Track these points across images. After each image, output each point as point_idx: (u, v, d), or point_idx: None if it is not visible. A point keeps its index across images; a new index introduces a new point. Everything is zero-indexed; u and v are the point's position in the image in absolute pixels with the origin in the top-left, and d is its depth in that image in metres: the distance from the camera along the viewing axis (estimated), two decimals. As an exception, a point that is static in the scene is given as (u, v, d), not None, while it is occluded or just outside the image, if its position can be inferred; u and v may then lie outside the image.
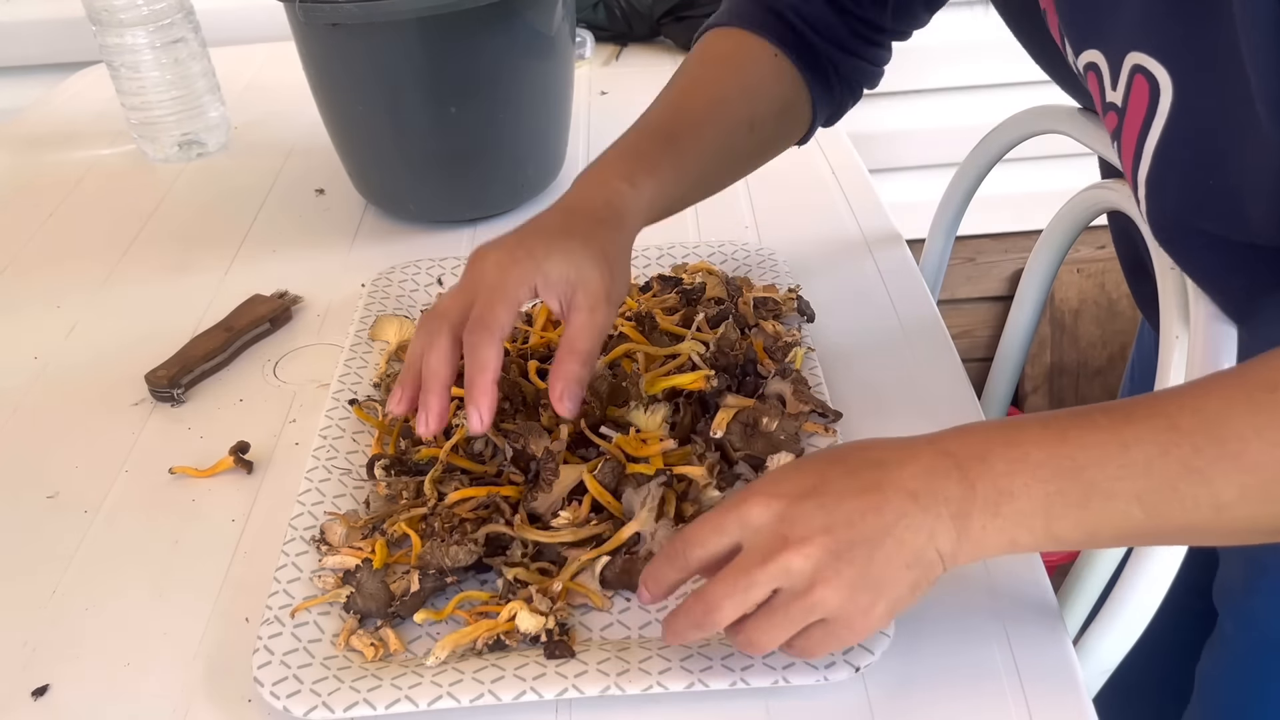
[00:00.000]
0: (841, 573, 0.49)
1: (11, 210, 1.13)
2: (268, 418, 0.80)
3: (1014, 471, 0.48)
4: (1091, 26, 0.59)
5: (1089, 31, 0.59)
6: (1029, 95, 0.89)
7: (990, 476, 0.49)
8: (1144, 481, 0.47)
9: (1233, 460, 0.46)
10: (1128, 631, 0.60)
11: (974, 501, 0.49)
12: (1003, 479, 0.48)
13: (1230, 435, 0.46)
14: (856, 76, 0.80)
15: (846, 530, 0.49)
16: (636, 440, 0.68)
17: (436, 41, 0.92)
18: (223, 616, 0.64)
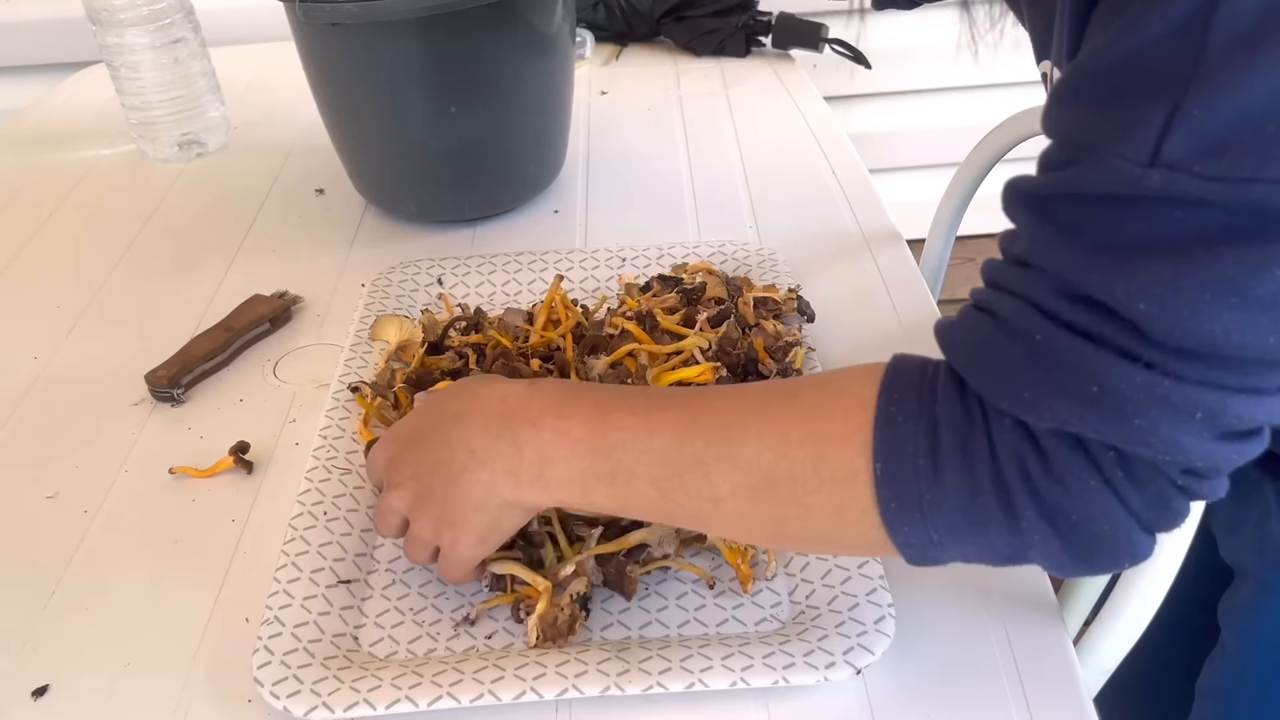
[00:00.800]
0: (427, 513, 0.58)
1: (11, 210, 1.13)
2: (268, 418, 0.80)
3: (556, 443, 0.54)
4: (1041, 40, 0.60)
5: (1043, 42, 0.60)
6: (1029, 95, 0.89)
7: (536, 444, 0.55)
8: (659, 468, 0.52)
9: (731, 459, 0.50)
10: (1128, 632, 0.60)
11: (521, 463, 0.55)
12: (547, 447, 0.55)
13: (736, 435, 0.50)
14: None
15: (427, 479, 0.58)
16: None
17: (436, 41, 0.92)
18: (223, 616, 0.64)
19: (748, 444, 0.50)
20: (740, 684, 0.56)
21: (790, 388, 0.52)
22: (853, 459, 0.47)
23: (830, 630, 0.58)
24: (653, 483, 0.52)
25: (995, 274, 0.45)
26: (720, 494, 0.51)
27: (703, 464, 0.51)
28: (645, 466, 0.52)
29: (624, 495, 0.54)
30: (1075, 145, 0.41)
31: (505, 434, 0.56)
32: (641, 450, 0.52)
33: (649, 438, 0.52)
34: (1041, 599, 0.62)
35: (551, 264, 0.93)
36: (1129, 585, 0.59)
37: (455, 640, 0.61)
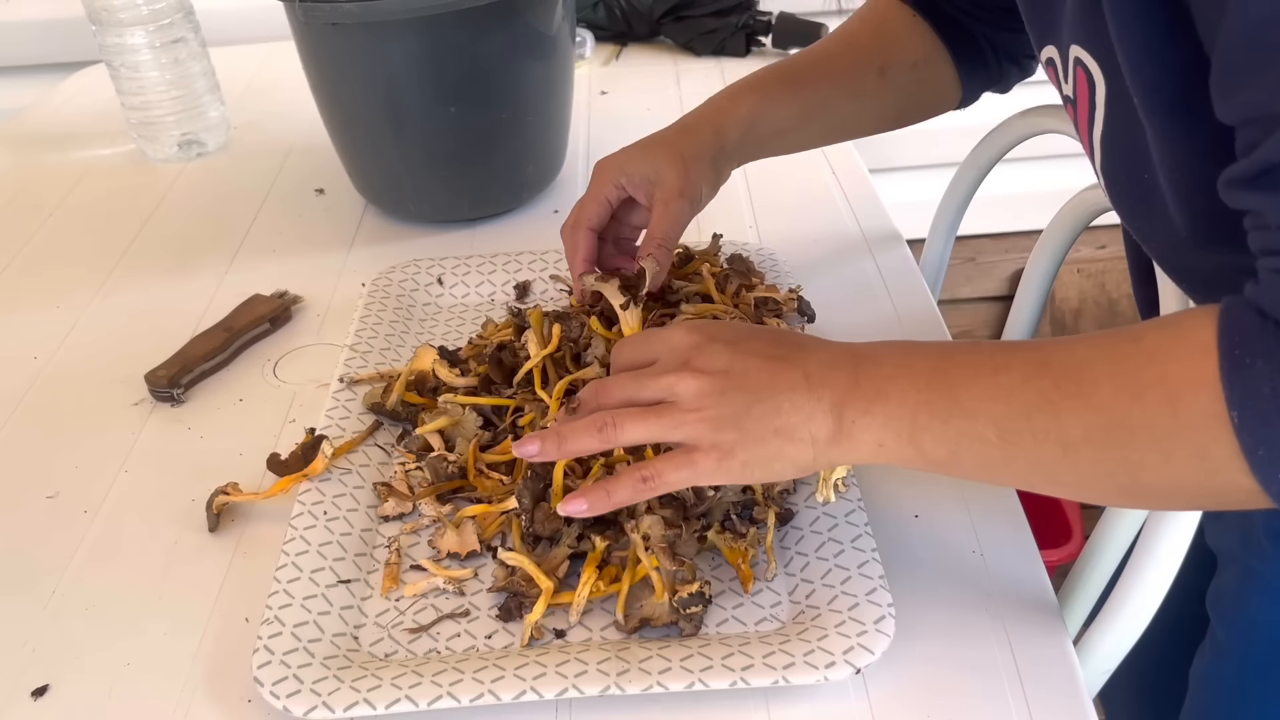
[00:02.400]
0: (718, 407, 0.54)
1: (11, 210, 1.13)
2: (268, 418, 0.80)
3: (896, 375, 0.52)
4: (1046, 21, 0.60)
5: (1045, 27, 0.60)
6: (1029, 95, 0.89)
7: (874, 377, 0.53)
8: (1004, 406, 0.49)
9: (1084, 399, 0.47)
10: (1128, 632, 0.60)
11: (854, 394, 0.52)
12: (884, 380, 0.52)
13: (1087, 376, 0.47)
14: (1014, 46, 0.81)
15: (740, 378, 0.54)
16: None
17: (436, 41, 0.92)
18: (223, 616, 0.64)
19: (1099, 385, 0.47)
20: (740, 684, 0.56)
21: (1132, 331, 0.48)
22: (1208, 403, 0.44)
23: (830, 630, 0.58)
24: (994, 422, 0.49)
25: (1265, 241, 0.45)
26: (1071, 438, 0.47)
27: (1051, 403, 0.48)
28: (987, 404, 0.49)
29: (959, 437, 0.50)
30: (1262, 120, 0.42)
31: (846, 366, 0.53)
32: (986, 387, 0.50)
33: (994, 375, 0.50)
34: (1041, 599, 0.62)
35: (551, 264, 0.93)
36: (1129, 585, 0.59)
37: (455, 640, 0.61)
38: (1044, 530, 1.49)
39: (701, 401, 0.54)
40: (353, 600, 0.64)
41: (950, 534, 0.67)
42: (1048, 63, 0.61)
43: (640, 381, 0.56)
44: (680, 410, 0.54)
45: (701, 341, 0.56)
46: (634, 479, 0.55)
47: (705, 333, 0.57)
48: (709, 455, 0.54)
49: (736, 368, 0.54)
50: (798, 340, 0.57)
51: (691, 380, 0.55)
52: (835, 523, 0.65)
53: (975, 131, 0.94)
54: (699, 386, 0.54)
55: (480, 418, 0.74)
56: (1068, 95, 0.59)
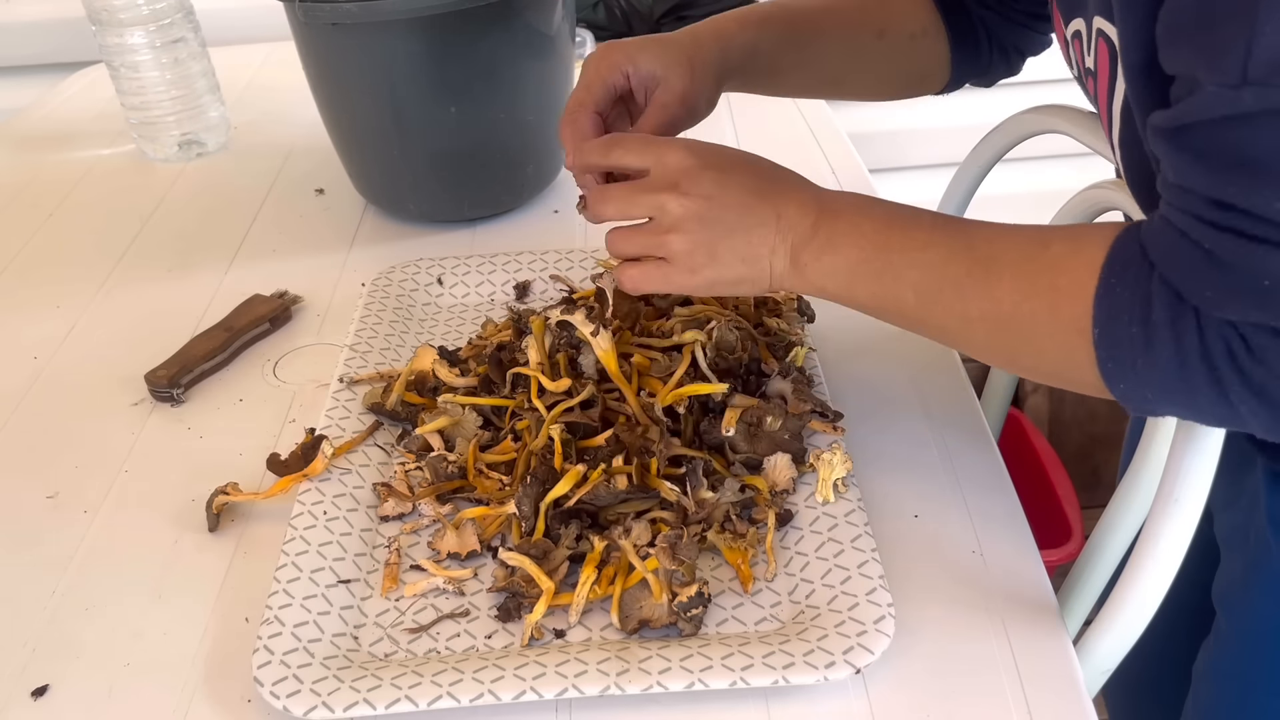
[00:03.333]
0: (696, 231, 0.61)
1: (11, 210, 1.13)
2: (267, 418, 0.80)
3: (847, 232, 0.60)
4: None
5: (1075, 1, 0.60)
6: (1029, 95, 0.89)
7: (829, 230, 0.60)
8: (923, 276, 0.57)
9: (986, 289, 0.55)
10: (1128, 631, 0.60)
11: (811, 241, 0.60)
12: (838, 235, 0.60)
13: (994, 270, 0.55)
14: (1010, 38, 0.81)
15: (721, 208, 0.61)
16: None
17: (436, 41, 0.92)
18: (223, 616, 0.64)
19: (1001, 281, 0.54)
20: (740, 684, 0.56)
21: (1046, 236, 0.55)
22: (1080, 316, 0.51)
23: (830, 630, 0.58)
24: (912, 288, 0.58)
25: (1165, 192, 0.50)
26: (970, 315, 0.56)
27: (960, 286, 0.56)
28: (911, 272, 0.58)
29: (884, 293, 0.59)
30: (1183, 80, 0.47)
31: (812, 214, 0.61)
32: (913, 258, 0.58)
33: (923, 249, 0.58)
34: (1041, 599, 0.62)
35: (551, 264, 0.93)
36: (1129, 585, 0.59)
37: (455, 640, 0.61)
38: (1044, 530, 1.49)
39: (682, 224, 0.61)
40: (353, 600, 0.64)
41: (950, 534, 0.67)
42: (1074, 37, 0.62)
43: (633, 197, 0.63)
44: (663, 230, 0.61)
45: (693, 166, 0.61)
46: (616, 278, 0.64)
47: (700, 157, 0.62)
48: (680, 269, 0.62)
49: (719, 196, 0.61)
50: (780, 176, 0.63)
51: (675, 202, 0.61)
52: (835, 523, 0.65)
53: (975, 131, 0.94)
54: (682, 210, 0.61)
55: (480, 418, 0.74)
56: (1089, 68, 0.61)
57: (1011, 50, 0.82)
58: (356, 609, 0.63)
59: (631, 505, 0.67)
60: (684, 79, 0.72)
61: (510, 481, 0.70)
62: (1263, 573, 0.69)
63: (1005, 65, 0.84)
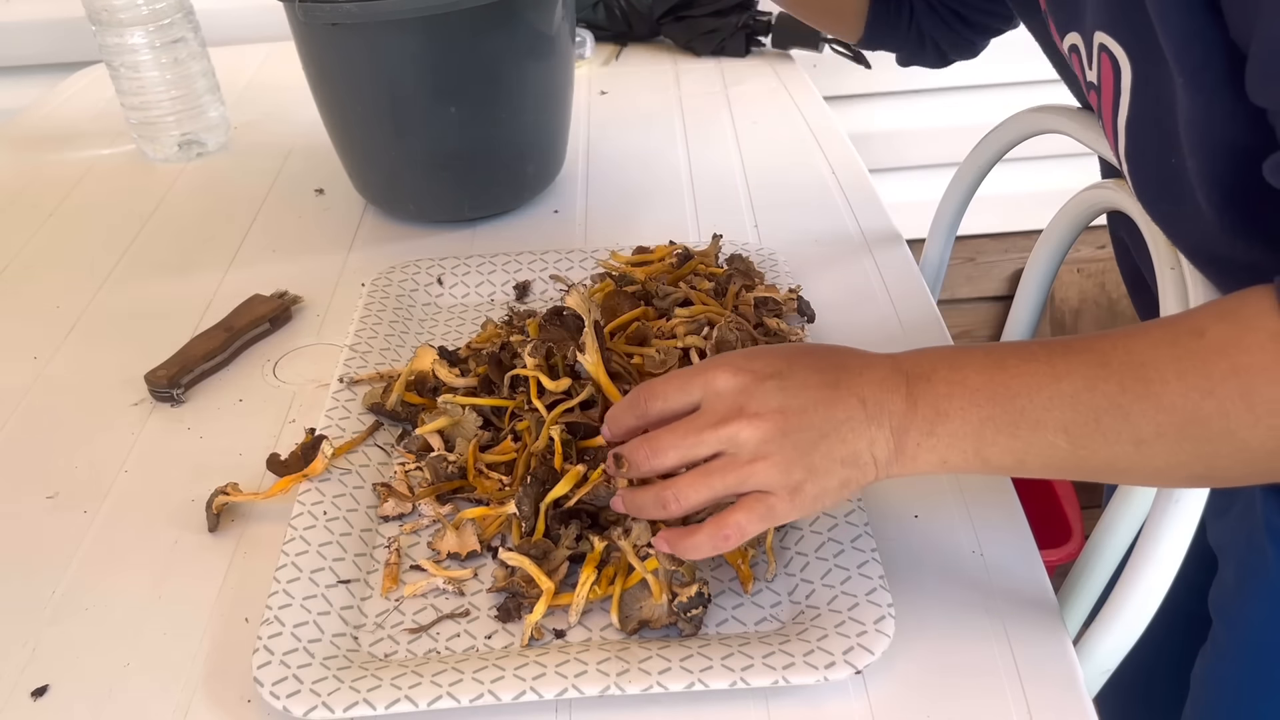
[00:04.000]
0: (784, 450, 0.53)
1: (11, 210, 1.13)
2: (267, 418, 0.80)
3: (952, 394, 0.52)
4: (1070, 9, 0.60)
5: (1070, 15, 0.60)
6: (1029, 95, 0.89)
7: (931, 397, 0.52)
8: (1070, 413, 0.50)
9: (1154, 400, 0.48)
10: (1128, 632, 0.60)
11: (913, 418, 0.52)
12: (942, 400, 0.52)
13: (1153, 375, 0.48)
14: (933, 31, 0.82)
15: (798, 416, 0.53)
16: None
17: (436, 41, 0.92)
18: (223, 616, 0.64)
19: (1168, 384, 0.48)
20: (740, 684, 0.56)
21: (1193, 324, 0.49)
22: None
23: (830, 630, 0.58)
24: (1062, 430, 0.50)
25: None
26: (1143, 436, 0.49)
27: (1120, 406, 0.49)
28: (1053, 413, 0.50)
29: (1026, 447, 0.51)
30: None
31: (900, 388, 0.53)
32: (1049, 396, 0.50)
33: (1055, 382, 0.50)
34: (1041, 599, 0.62)
35: (551, 264, 0.93)
36: (1129, 585, 0.59)
37: (455, 640, 0.61)
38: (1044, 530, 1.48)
39: (765, 449, 0.53)
40: (353, 600, 0.64)
41: (950, 534, 0.67)
42: (1071, 50, 0.61)
43: (696, 437, 0.54)
44: (744, 462, 0.53)
45: (749, 383, 0.54)
46: (716, 537, 0.54)
47: (750, 371, 0.55)
48: (781, 498, 0.53)
49: (791, 405, 0.53)
50: (841, 361, 0.55)
51: (749, 428, 0.53)
52: (835, 523, 0.65)
53: (975, 131, 0.94)
54: (760, 433, 0.53)
55: (480, 418, 0.74)
56: (1091, 82, 0.59)
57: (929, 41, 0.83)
58: (356, 609, 0.63)
59: None
60: None
61: (510, 482, 0.70)
62: (1260, 582, 0.69)
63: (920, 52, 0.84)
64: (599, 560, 0.63)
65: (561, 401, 0.71)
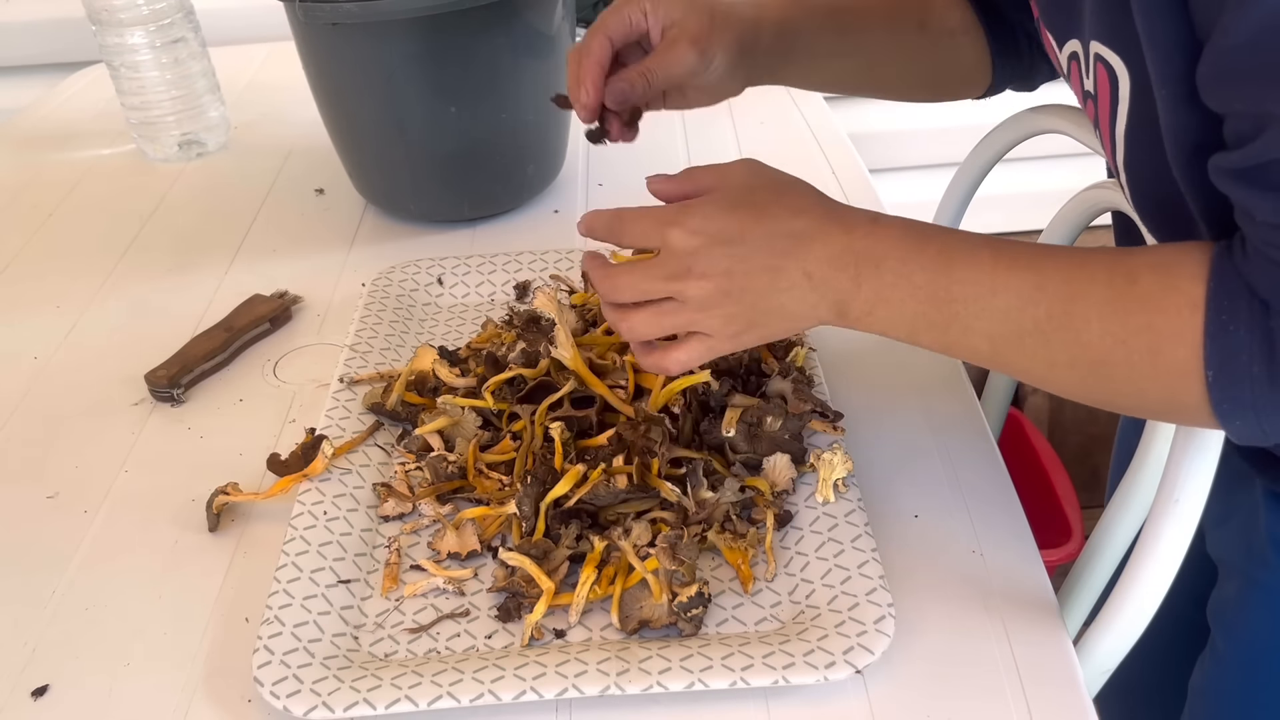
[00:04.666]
0: (726, 306, 0.58)
1: (11, 210, 1.13)
2: (267, 418, 0.80)
3: (897, 284, 0.55)
4: (1066, 17, 0.60)
5: (1066, 22, 0.60)
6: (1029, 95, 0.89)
7: (877, 284, 0.56)
8: (999, 326, 0.53)
9: (1074, 333, 0.51)
10: (1128, 632, 0.60)
11: (856, 297, 0.56)
12: (886, 288, 0.56)
13: (1078, 311, 0.51)
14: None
15: (744, 279, 0.57)
16: None
17: (436, 41, 0.92)
18: (223, 616, 0.64)
19: (1089, 323, 0.51)
20: (740, 684, 0.56)
21: (1129, 268, 0.51)
22: (1187, 359, 0.49)
23: (830, 630, 0.58)
24: (988, 337, 0.54)
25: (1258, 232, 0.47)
26: (1056, 361, 0.53)
27: (1043, 331, 0.52)
28: (983, 322, 0.54)
29: (953, 343, 0.56)
30: (1254, 116, 0.45)
31: (849, 267, 0.56)
32: (982, 307, 0.54)
33: (991, 296, 0.53)
34: (1041, 599, 0.62)
35: (551, 264, 0.93)
36: (1129, 585, 0.59)
37: (455, 640, 0.61)
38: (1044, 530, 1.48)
39: (709, 302, 0.58)
40: (353, 600, 0.64)
41: (950, 534, 0.67)
42: (1070, 58, 0.61)
43: (648, 285, 0.59)
44: (690, 310, 0.58)
45: (700, 245, 0.58)
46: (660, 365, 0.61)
47: (705, 233, 0.58)
48: (724, 340, 0.59)
49: (738, 269, 0.57)
50: (795, 228, 0.58)
51: (696, 286, 0.57)
52: (835, 523, 0.65)
53: (975, 131, 0.94)
54: (704, 292, 0.57)
55: (479, 418, 0.74)
56: (1088, 91, 0.59)
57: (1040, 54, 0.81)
58: (356, 609, 0.63)
59: (631, 505, 0.67)
60: (700, 22, 0.69)
61: (510, 481, 0.70)
62: (1261, 593, 0.69)
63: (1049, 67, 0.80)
64: (599, 560, 0.63)
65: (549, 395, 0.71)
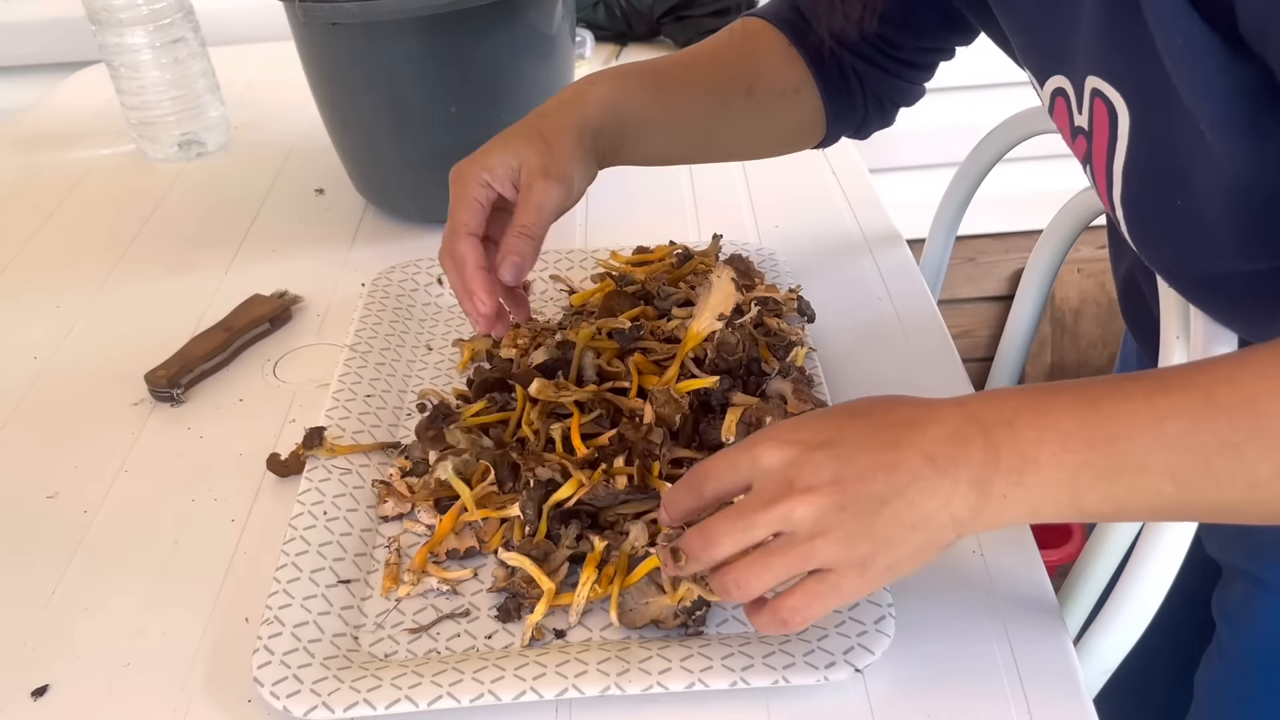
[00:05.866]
0: (845, 524, 0.48)
1: (11, 210, 1.13)
2: (267, 418, 0.80)
3: (1042, 440, 0.47)
4: (1053, 52, 0.58)
5: (1051, 57, 0.59)
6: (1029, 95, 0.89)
7: (1016, 444, 0.47)
8: (1177, 455, 0.46)
9: (1270, 438, 0.44)
10: (1128, 632, 0.60)
11: (997, 469, 0.47)
12: (1030, 447, 0.47)
13: (1266, 411, 0.45)
14: (885, 90, 0.80)
15: (856, 485, 0.48)
16: None
17: (436, 41, 0.92)
18: (223, 616, 0.64)
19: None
20: (740, 684, 0.56)
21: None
22: None
23: (830, 630, 0.58)
24: (1169, 474, 0.46)
25: None
26: (1260, 478, 0.45)
27: (1232, 446, 0.45)
28: (1159, 455, 0.46)
29: (1129, 493, 0.47)
30: None
31: (977, 438, 0.48)
32: (1153, 437, 0.46)
33: (1158, 423, 0.46)
34: (1041, 599, 0.62)
35: (551, 264, 0.93)
36: (1129, 585, 0.59)
37: (455, 640, 0.61)
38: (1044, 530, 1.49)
39: (823, 524, 0.48)
40: (353, 600, 0.64)
41: (950, 534, 0.67)
42: (1056, 94, 0.59)
43: (748, 519, 0.50)
44: (803, 540, 0.49)
45: (797, 455, 0.50)
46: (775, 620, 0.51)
47: (797, 442, 0.50)
48: (848, 574, 0.49)
49: (846, 474, 0.48)
50: (901, 417, 0.50)
51: (804, 504, 0.48)
52: (835, 523, 0.65)
53: (975, 131, 0.94)
54: (814, 509, 0.48)
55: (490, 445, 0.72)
56: (1080, 126, 0.57)
57: (886, 101, 0.81)
58: (356, 609, 0.63)
59: (631, 506, 0.66)
60: (539, 154, 0.67)
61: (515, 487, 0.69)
62: (1267, 592, 0.69)
63: (880, 117, 0.82)
64: (599, 560, 0.63)
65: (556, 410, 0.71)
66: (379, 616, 0.63)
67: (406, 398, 0.80)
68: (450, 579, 0.64)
